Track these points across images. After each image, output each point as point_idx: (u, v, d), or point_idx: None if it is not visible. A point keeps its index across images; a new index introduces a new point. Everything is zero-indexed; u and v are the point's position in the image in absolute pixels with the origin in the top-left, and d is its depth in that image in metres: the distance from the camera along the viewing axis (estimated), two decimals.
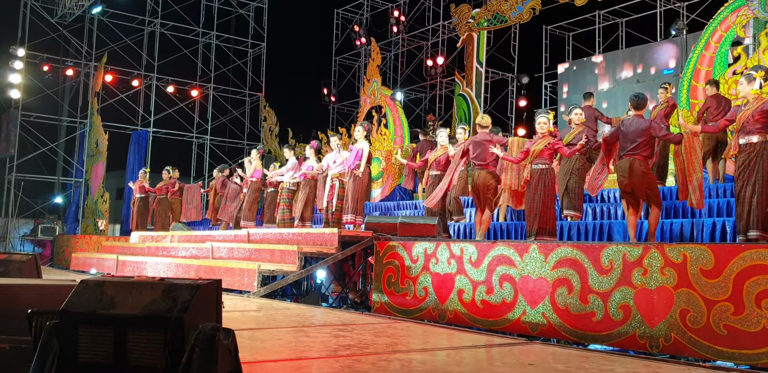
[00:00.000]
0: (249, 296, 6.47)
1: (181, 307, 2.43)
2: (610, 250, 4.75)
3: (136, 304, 2.49)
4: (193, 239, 9.55)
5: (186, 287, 2.53)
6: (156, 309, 2.44)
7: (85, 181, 17.24)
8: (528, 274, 5.25)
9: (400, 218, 7.21)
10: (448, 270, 5.94)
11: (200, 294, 2.51)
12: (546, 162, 6.68)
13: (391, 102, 14.44)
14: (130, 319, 2.43)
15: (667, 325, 4.32)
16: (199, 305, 2.48)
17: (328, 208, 8.70)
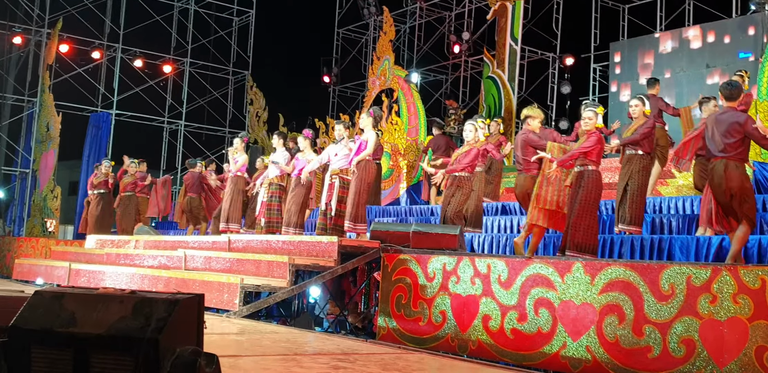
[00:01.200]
0: (229, 315, 6.50)
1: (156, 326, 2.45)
2: (672, 271, 4.74)
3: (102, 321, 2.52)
4: (162, 245, 9.58)
5: (162, 303, 2.55)
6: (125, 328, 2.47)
7: (33, 173, 17.32)
8: (570, 298, 5.24)
9: (414, 226, 7.23)
10: (471, 291, 5.94)
11: (179, 311, 2.53)
12: (587, 163, 6.70)
13: (406, 85, 14.46)
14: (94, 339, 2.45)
15: (739, 365, 4.32)
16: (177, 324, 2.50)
17: (327, 211, 8.68)
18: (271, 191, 9.95)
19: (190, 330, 2.59)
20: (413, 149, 13.36)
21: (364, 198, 8.41)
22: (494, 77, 14.89)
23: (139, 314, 2.51)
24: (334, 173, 8.64)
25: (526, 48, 17.53)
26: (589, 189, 6.63)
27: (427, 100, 18.28)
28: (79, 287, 2.87)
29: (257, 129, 19.20)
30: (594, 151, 6.68)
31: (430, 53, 20.04)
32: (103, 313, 2.55)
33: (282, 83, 22.09)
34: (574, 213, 6.59)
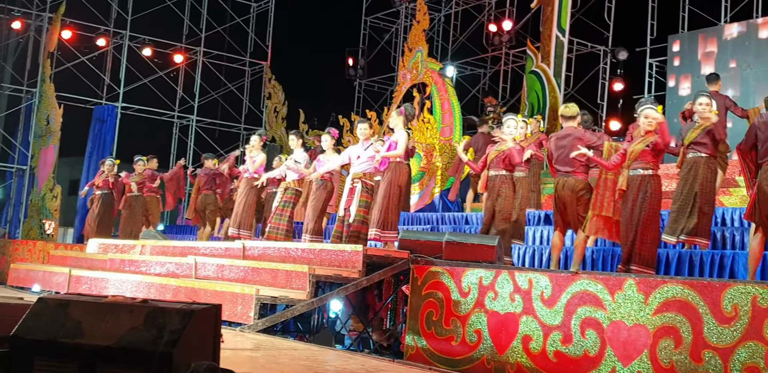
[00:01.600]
0: (242, 329, 6.54)
1: (170, 338, 2.48)
2: (735, 290, 4.70)
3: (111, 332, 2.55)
4: (171, 250, 9.66)
5: (176, 313, 2.58)
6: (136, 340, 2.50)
7: (31, 170, 17.53)
8: (621, 319, 5.22)
9: (447, 235, 7.23)
10: (510, 309, 5.93)
11: (194, 323, 2.56)
12: (649, 166, 6.67)
13: (440, 79, 14.47)
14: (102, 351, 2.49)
15: None
16: (192, 336, 2.53)
17: (345, 218, 8.70)
18: (287, 195, 9.97)
19: (205, 344, 2.62)
20: (447, 150, 13.35)
21: (394, 202, 8.43)
22: (538, 72, 14.84)
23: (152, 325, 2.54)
24: (356, 177, 8.65)
25: (574, 40, 17.45)
26: (656, 197, 6.62)
27: (463, 96, 18.27)
28: (86, 294, 2.91)
29: (275, 126, 19.29)
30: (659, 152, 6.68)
31: (468, 44, 20.03)
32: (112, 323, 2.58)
33: (303, 76, 22.20)
34: (641, 223, 6.56)
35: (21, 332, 2.74)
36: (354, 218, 8.53)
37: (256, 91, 21.11)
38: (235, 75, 21.13)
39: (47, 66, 17.47)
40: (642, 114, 6.82)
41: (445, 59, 19.31)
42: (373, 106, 20.32)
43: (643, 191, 6.62)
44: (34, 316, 2.79)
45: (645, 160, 6.68)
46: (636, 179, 6.67)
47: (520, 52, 18.17)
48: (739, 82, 14.91)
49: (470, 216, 10.96)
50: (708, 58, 15.45)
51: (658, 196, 6.68)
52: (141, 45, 19.26)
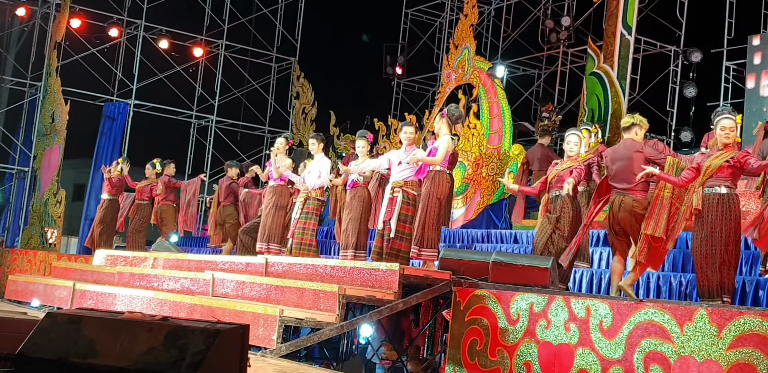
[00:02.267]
0: (264, 354, 6.58)
1: (192, 361, 2.52)
2: None
3: (127, 352, 2.59)
4: (186, 264, 9.74)
5: (199, 333, 2.62)
6: (155, 362, 2.54)
7: (32, 172, 17.74)
8: (690, 354, 5.18)
9: (494, 255, 7.23)
10: (564, 339, 5.90)
11: (219, 344, 2.60)
12: (728, 184, 6.64)
13: (488, 80, 14.46)
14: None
15: None
16: (216, 359, 2.56)
17: (384, 232, 8.68)
18: (308, 206, 9.98)
19: (231, 368, 2.65)
20: (495, 159, 13.33)
21: (432, 217, 8.38)
22: (600, 74, 14.76)
23: (172, 345, 2.57)
24: (396, 186, 8.59)
25: (641, 39, 17.34)
26: (736, 218, 6.59)
27: (515, 99, 18.22)
28: (100, 310, 2.96)
29: (303, 129, 19.35)
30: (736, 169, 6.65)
31: (520, 42, 19.99)
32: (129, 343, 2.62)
33: (335, 74, 22.28)
34: (721, 248, 6.52)
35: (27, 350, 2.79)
36: (394, 234, 8.50)
37: (283, 89, 21.18)
38: (261, 72, 21.24)
39: (53, 58, 17.64)
40: (719, 125, 6.77)
41: (494, 58, 19.29)
42: (413, 108, 20.33)
43: (720, 212, 6.57)
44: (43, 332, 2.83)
45: (723, 176, 6.63)
46: (713, 198, 6.62)
47: (579, 52, 18.11)
48: None
49: (519, 234, 10.92)
50: None
51: (738, 217, 6.63)
52: (157, 36, 19.42)
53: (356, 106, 19.80)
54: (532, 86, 20.00)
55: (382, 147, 15.15)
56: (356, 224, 9.40)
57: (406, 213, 8.53)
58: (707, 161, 6.70)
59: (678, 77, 17.85)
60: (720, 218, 6.56)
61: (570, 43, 18.35)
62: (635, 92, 16.92)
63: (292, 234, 10.05)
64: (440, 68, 18.42)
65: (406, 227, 8.50)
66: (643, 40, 17.60)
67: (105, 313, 2.81)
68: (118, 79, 19.18)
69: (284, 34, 21.09)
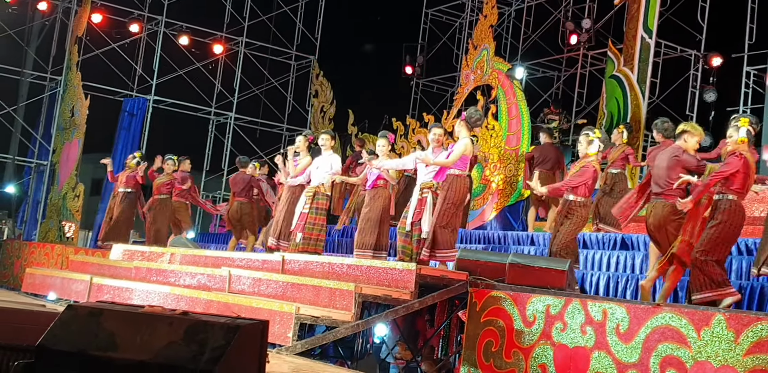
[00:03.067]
0: (279, 351, 6.60)
1: (211, 356, 2.52)
2: None
3: (148, 346, 2.60)
4: (203, 261, 9.78)
5: (219, 328, 2.62)
6: (175, 356, 2.54)
7: (52, 166, 17.83)
8: (707, 359, 5.15)
9: (511, 257, 7.23)
10: (581, 342, 5.88)
11: (239, 339, 2.60)
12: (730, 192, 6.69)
13: (507, 82, 14.44)
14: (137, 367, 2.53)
15: None
16: (236, 354, 2.56)
17: (413, 233, 8.67)
18: (317, 202, 9.96)
19: (250, 363, 2.64)
20: (513, 161, 13.30)
21: (444, 222, 8.43)
22: (619, 77, 14.71)
23: (192, 340, 2.58)
24: (425, 187, 8.63)
25: (662, 42, 17.27)
26: (726, 223, 6.63)
27: (533, 101, 18.17)
28: (120, 303, 2.97)
29: (321, 127, 19.35)
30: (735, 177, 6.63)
31: (540, 44, 19.93)
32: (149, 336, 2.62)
33: (354, 73, 22.29)
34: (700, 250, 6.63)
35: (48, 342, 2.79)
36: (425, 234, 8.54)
37: (302, 88, 21.23)
38: (280, 69, 21.30)
39: (74, 52, 17.74)
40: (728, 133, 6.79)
41: (514, 59, 19.23)
42: (431, 109, 20.31)
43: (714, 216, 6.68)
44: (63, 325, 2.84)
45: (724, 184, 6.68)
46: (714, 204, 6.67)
47: (599, 54, 18.03)
48: None
49: (536, 236, 10.89)
50: None
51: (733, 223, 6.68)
52: (177, 33, 19.51)
53: (375, 105, 19.79)
54: (552, 88, 19.94)
55: (400, 147, 15.13)
56: (375, 223, 9.41)
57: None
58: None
59: (698, 82, 17.77)
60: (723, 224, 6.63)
61: (590, 46, 18.27)
62: (655, 96, 16.85)
63: (301, 228, 10.04)
64: (459, 69, 18.40)
65: None
66: (664, 43, 17.53)
67: (125, 306, 2.82)
68: (138, 75, 19.28)
69: (304, 33, 21.14)
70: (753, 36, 16.90)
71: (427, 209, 8.47)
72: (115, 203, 13.50)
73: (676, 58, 18.16)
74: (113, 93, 19.10)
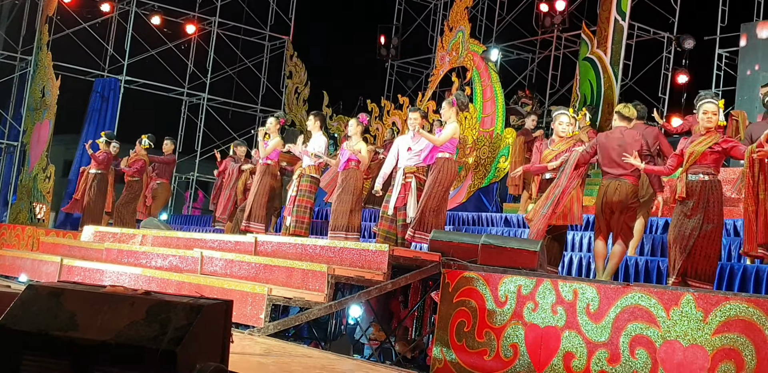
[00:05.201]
0: (252, 332, 6.57)
1: (173, 336, 2.48)
2: None
3: (109, 326, 2.55)
4: (175, 242, 9.74)
5: (182, 308, 2.58)
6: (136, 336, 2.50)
7: (22, 146, 17.68)
8: (676, 338, 5.17)
9: (484, 238, 7.21)
10: (551, 322, 5.90)
11: (202, 319, 2.56)
12: (710, 171, 6.68)
13: (482, 63, 14.38)
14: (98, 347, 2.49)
15: None
16: (198, 334, 2.53)
17: (396, 217, 8.73)
18: (303, 184, 9.99)
19: (214, 343, 2.61)
20: (487, 143, 13.29)
21: (435, 204, 8.53)
22: (593, 59, 14.72)
23: (154, 320, 2.54)
24: (409, 171, 8.70)
25: (635, 25, 17.29)
26: (719, 205, 6.63)
27: (508, 83, 18.16)
28: (82, 283, 2.92)
29: (296, 108, 19.29)
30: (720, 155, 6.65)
31: (515, 25, 19.92)
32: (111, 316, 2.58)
33: (329, 54, 22.19)
34: (702, 235, 6.57)
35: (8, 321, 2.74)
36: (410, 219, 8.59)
37: (276, 69, 21.12)
38: (253, 50, 21.15)
39: (45, 32, 17.55)
40: (701, 109, 6.76)
41: (488, 41, 19.21)
42: (406, 90, 20.29)
43: (705, 198, 6.59)
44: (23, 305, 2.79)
45: (706, 163, 6.66)
46: (696, 185, 6.63)
47: (573, 36, 18.05)
48: None
49: (510, 217, 10.92)
50: None
51: (721, 204, 6.68)
52: (149, 12, 19.28)
53: (349, 87, 19.73)
54: (526, 70, 19.96)
55: (375, 129, 15.08)
56: (348, 205, 9.43)
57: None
58: (690, 148, 6.71)
59: (670, 64, 17.86)
60: (704, 205, 6.59)
61: (564, 28, 18.30)
62: (628, 78, 16.92)
63: (289, 211, 10.05)
64: (434, 50, 18.32)
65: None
66: (637, 26, 17.57)
67: (87, 286, 2.77)
68: (109, 55, 19.09)
69: (278, 13, 20.98)
70: (725, 18, 16.96)
71: (411, 194, 8.54)
72: (86, 184, 13.46)
73: (649, 41, 18.23)
74: (84, 73, 18.90)
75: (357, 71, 22.16)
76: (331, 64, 21.75)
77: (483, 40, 18.47)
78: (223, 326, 2.65)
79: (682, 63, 17.60)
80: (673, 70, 17.66)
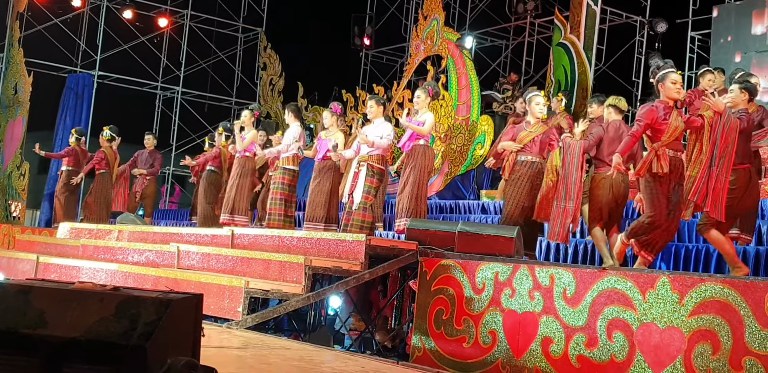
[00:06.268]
0: (230, 326, 6.55)
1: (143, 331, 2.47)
2: None
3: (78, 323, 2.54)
4: (151, 237, 9.68)
5: (151, 303, 2.57)
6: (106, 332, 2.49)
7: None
8: (652, 321, 5.21)
9: (460, 225, 7.24)
10: (529, 308, 5.92)
11: (171, 314, 2.55)
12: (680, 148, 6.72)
13: (457, 51, 14.40)
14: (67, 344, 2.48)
15: None
16: (168, 329, 2.52)
17: (349, 205, 8.79)
18: (276, 176, 10.01)
19: (184, 338, 2.60)
20: (463, 130, 13.31)
21: (423, 191, 8.54)
22: (566, 44, 14.75)
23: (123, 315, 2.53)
24: (362, 160, 8.72)
25: (607, 9, 17.32)
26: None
27: (483, 70, 18.18)
28: (50, 280, 2.90)
29: (271, 100, 19.26)
30: None
31: (488, 12, 19.93)
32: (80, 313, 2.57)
33: (302, 45, 22.12)
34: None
35: None
36: (357, 206, 8.59)
37: (250, 60, 21.06)
38: (227, 42, 21.08)
39: (16, 28, 17.43)
40: (668, 79, 6.57)
41: (462, 29, 19.19)
42: (381, 80, 20.26)
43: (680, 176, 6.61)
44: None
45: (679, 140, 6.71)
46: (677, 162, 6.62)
47: (546, 22, 18.08)
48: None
49: (487, 204, 10.95)
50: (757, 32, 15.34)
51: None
52: (121, 7, 19.20)
53: (324, 77, 19.70)
54: (500, 57, 19.97)
55: (350, 119, 15.06)
56: (325, 197, 9.42)
57: (370, 185, 8.69)
58: (676, 122, 6.54)
59: (644, 48, 17.91)
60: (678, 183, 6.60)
61: (537, 14, 18.33)
62: (601, 63, 16.94)
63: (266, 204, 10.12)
64: (409, 39, 18.30)
65: (370, 198, 8.67)
66: (609, 10, 17.60)
67: (55, 283, 2.75)
68: (81, 50, 18.97)
69: (250, 4, 20.92)
70: (697, 1, 17.03)
71: (359, 182, 8.57)
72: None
73: (622, 25, 18.27)
74: (57, 69, 18.81)
75: (331, 61, 22.12)
76: (306, 54, 21.68)
77: (457, 28, 18.47)
78: (194, 320, 2.64)
79: (655, 46, 17.65)
80: (646, 53, 17.71)
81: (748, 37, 15.58)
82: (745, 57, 15.32)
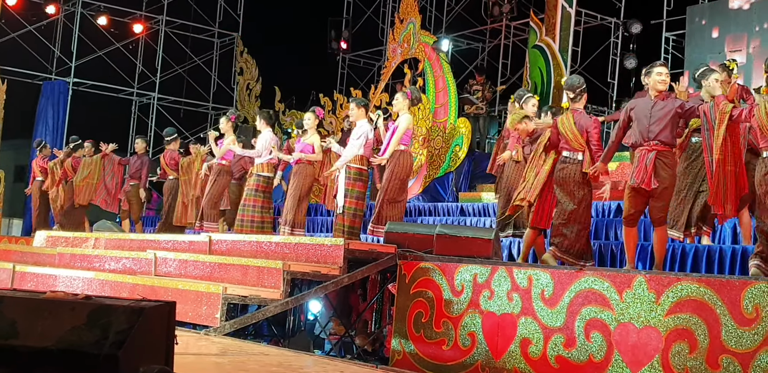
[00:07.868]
0: (208, 333, 6.53)
1: (115, 340, 2.46)
2: (757, 289, 4.71)
3: (49, 332, 2.52)
4: (128, 244, 9.65)
5: (123, 312, 2.55)
6: (78, 341, 2.47)
7: None
8: (629, 321, 5.23)
9: (439, 228, 7.25)
10: (507, 309, 5.93)
11: (143, 322, 2.54)
12: None
13: (434, 54, 14.41)
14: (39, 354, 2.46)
15: None
16: (141, 338, 2.50)
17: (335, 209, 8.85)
18: (251, 183, 9.99)
19: (157, 346, 2.59)
20: (441, 133, 13.33)
21: (391, 196, 8.65)
22: (542, 47, 14.83)
23: (95, 324, 2.51)
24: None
25: (582, 11, 17.40)
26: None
27: (459, 73, 18.24)
28: (21, 290, 2.88)
29: (248, 105, 19.24)
30: None
31: (464, 16, 19.99)
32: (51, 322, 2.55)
33: (279, 49, 22.08)
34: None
35: None
36: (341, 210, 8.64)
37: (226, 65, 21.04)
38: (203, 48, 21.03)
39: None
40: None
41: (439, 32, 19.24)
42: (359, 83, 20.26)
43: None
44: None
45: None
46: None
47: (522, 25, 18.14)
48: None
49: (466, 206, 10.97)
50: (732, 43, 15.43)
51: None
52: (95, 13, 19.10)
53: (301, 81, 19.69)
54: (477, 60, 20.02)
55: (329, 122, 15.06)
56: (295, 201, 9.43)
57: (351, 189, 8.70)
58: None
59: (619, 49, 18.01)
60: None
61: (513, 17, 18.41)
62: (577, 64, 17.02)
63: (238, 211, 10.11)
64: (386, 43, 18.31)
65: (352, 202, 8.65)
66: (584, 12, 17.68)
67: (26, 293, 2.73)
68: (56, 57, 18.90)
69: (226, 9, 20.92)
70: (671, 2, 17.15)
71: (341, 185, 8.62)
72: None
73: (597, 27, 18.36)
74: (32, 77, 18.72)
75: (309, 65, 22.12)
76: (283, 59, 21.67)
77: (433, 31, 18.51)
78: (167, 327, 2.62)
79: (630, 48, 17.76)
80: (621, 55, 17.82)
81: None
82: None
